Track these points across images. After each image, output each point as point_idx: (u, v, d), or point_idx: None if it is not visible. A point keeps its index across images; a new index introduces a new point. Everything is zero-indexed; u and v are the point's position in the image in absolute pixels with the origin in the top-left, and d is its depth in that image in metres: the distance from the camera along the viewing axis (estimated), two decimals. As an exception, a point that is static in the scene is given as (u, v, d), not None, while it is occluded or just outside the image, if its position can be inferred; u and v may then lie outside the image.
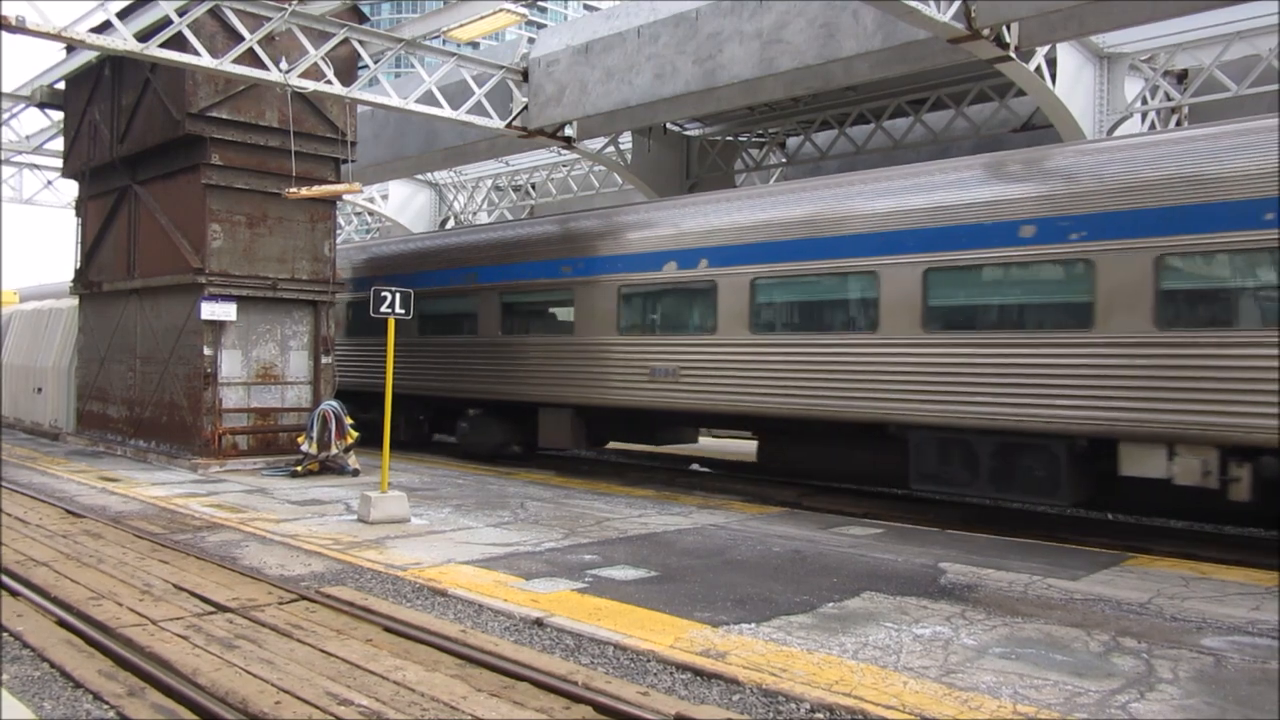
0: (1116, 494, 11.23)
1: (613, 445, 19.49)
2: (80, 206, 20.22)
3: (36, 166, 26.27)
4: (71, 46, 15.96)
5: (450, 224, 29.16)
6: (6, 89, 19.87)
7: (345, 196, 19.80)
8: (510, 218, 27.32)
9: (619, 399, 15.05)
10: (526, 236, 17.73)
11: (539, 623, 7.02)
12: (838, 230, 12.55)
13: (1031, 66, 13.65)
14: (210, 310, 15.65)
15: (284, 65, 13.76)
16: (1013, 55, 12.38)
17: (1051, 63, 14.32)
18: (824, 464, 13.86)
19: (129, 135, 17.52)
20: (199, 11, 13.27)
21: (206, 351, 15.76)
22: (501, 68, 16.23)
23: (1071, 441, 10.56)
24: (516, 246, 17.56)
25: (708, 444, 20.72)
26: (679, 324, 14.64)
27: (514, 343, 17.06)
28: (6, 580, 7.97)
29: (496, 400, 17.36)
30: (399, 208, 29.10)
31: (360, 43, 14.77)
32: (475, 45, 18.26)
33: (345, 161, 17.00)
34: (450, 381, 18.33)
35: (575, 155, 21.90)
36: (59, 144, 21.50)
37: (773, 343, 13.24)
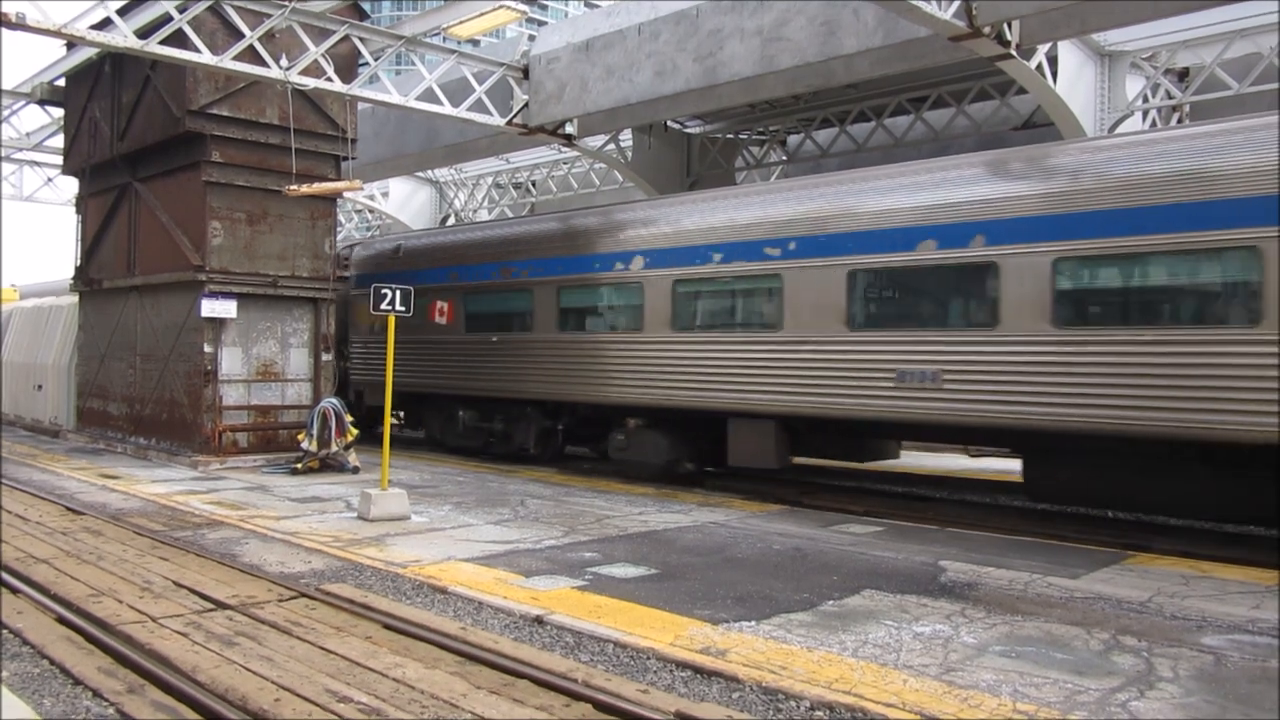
0: None
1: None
2: (80, 204, 20.23)
3: (37, 164, 26.24)
4: (72, 43, 15.97)
5: (450, 221, 29.13)
6: (7, 86, 19.86)
7: (346, 194, 19.79)
8: (511, 215, 27.27)
9: (847, 409, 12.25)
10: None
11: (539, 620, 7.02)
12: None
13: (1032, 64, 13.62)
14: (210, 307, 15.65)
15: (284, 62, 13.74)
16: (1014, 53, 12.36)
17: (1052, 61, 14.29)
18: (1145, 492, 11.00)
19: (129, 132, 17.51)
20: (199, 8, 13.25)
21: (207, 349, 15.76)
22: (502, 65, 16.21)
23: None
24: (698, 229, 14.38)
25: (911, 460, 17.54)
26: (939, 318, 11.89)
27: (695, 341, 13.89)
28: (6, 577, 7.97)
29: (667, 408, 14.39)
30: (399, 205, 29.09)
31: (361, 40, 14.75)
32: (476, 43, 18.25)
33: (346, 159, 16.99)
34: (595, 386, 15.27)
35: (576, 153, 21.87)
36: (59, 141, 21.48)
37: (1089, 339, 10.33)
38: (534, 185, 27.29)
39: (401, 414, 20.47)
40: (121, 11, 12.85)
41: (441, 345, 18.28)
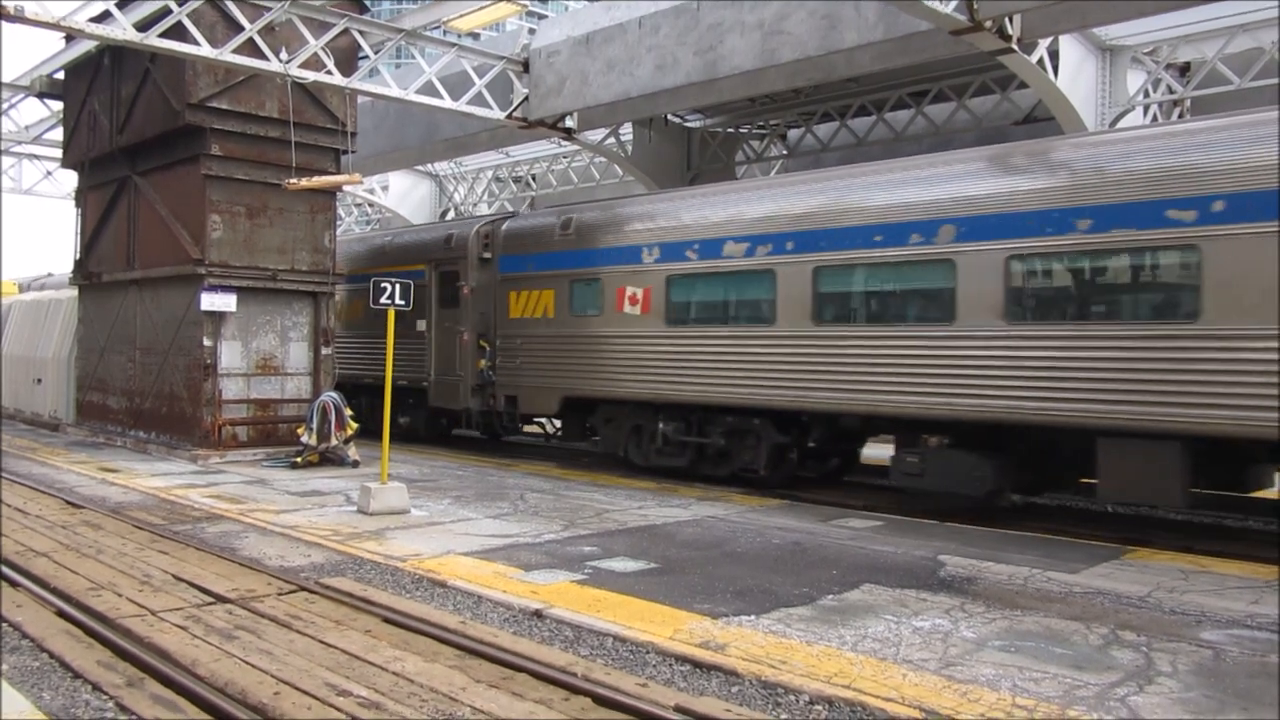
0: None
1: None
2: (80, 197, 20.20)
3: (36, 157, 26.25)
4: (71, 36, 15.96)
5: (450, 215, 29.10)
6: (6, 79, 19.86)
7: (345, 188, 19.78)
8: (510, 209, 27.24)
9: None
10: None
11: (538, 614, 7.02)
12: None
13: (1033, 59, 13.61)
14: (210, 301, 15.64)
15: (284, 56, 13.71)
16: (1015, 47, 12.34)
17: (1053, 55, 14.28)
18: None
19: (129, 126, 17.48)
20: (198, 1, 13.22)
21: (206, 342, 15.75)
22: (502, 59, 16.18)
23: None
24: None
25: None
26: None
27: (1052, 336, 10.48)
28: (6, 570, 7.97)
29: (998, 422, 10.98)
30: (399, 199, 29.06)
31: (360, 33, 14.73)
32: (476, 36, 18.29)
33: (345, 152, 16.97)
34: (875, 392, 11.82)
35: (576, 146, 21.86)
36: (58, 134, 21.46)
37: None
38: (534, 179, 27.27)
39: (558, 422, 17.27)
40: (121, 4, 12.84)
41: (628, 341, 14.65)
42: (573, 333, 15.48)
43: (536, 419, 17.82)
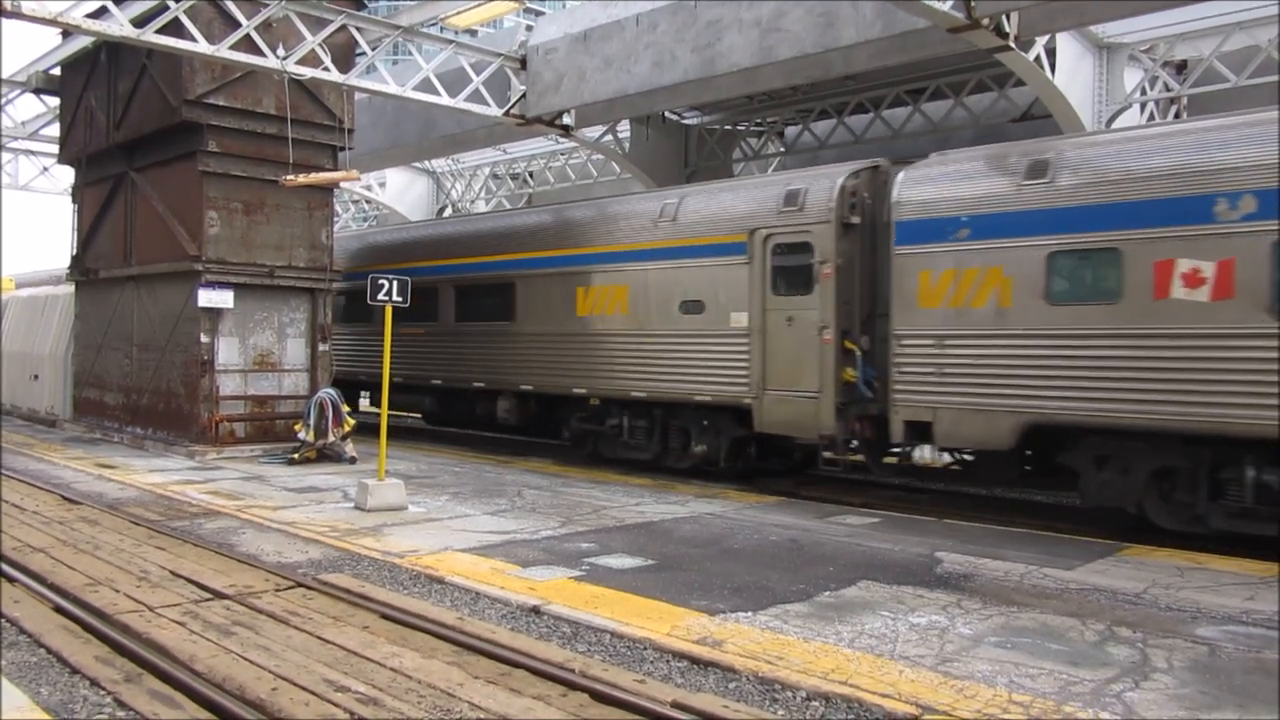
0: None
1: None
2: (77, 193, 20.17)
3: (32, 153, 26.16)
4: (67, 32, 15.90)
5: (448, 212, 29.08)
6: (3, 74, 19.77)
7: (343, 184, 19.73)
8: (509, 206, 27.22)
9: None
10: None
11: (536, 610, 7.03)
12: None
13: (1031, 56, 13.60)
14: (207, 297, 15.63)
15: (281, 52, 13.69)
16: (1012, 45, 12.33)
17: (1051, 53, 14.27)
18: None
19: (125, 122, 17.45)
20: (195, -3, 13.21)
21: (204, 339, 15.74)
22: (499, 55, 16.16)
23: None
24: None
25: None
26: None
27: None
28: (4, 566, 7.97)
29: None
30: (396, 195, 29.01)
31: (358, 29, 14.70)
32: (473, 32, 18.21)
33: (343, 149, 16.96)
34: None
35: (573, 143, 21.82)
36: (55, 130, 21.42)
37: None
38: (531, 176, 27.24)
39: (953, 454, 12.47)
40: (118, 0, 12.80)
41: (1183, 342, 9.68)
42: (1048, 328, 10.60)
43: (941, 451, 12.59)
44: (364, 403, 23.29)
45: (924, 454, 13.27)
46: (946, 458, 12.56)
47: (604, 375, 15.02)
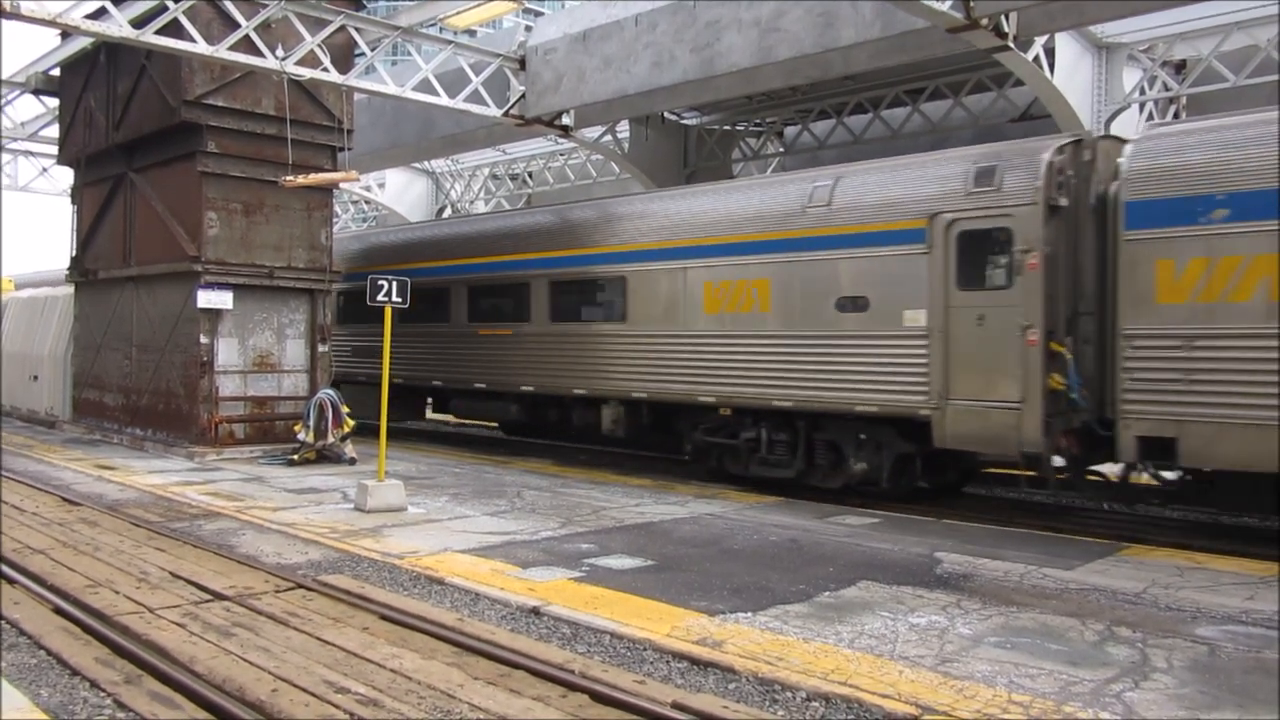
0: None
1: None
2: (76, 194, 20.17)
3: (32, 153, 26.18)
4: (66, 33, 15.90)
5: (447, 212, 29.09)
6: (2, 75, 19.77)
7: (342, 185, 19.72)
8: (508, 206, 27.22)
9: None
10: None
11: (536, 611, 7.03)
12: None
13: (1030, 56, 13.62)
14: (207, 298, 15.63)
15: (280, 52, 13.69)
16: (1011, 45, 12.35)
17: (1050, 52, 14.29)
18: None
19: (125, 122, 17.45)
20: (194, -2, 13.22)
21: (203, 340, 15.73)
22: (499, 56, 16.16)
23: None
24: None
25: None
26: None
27: None
28: (3, 568, 7.97)
29: None
30: (396, 196, 29.04)
31: (357, 30, 14.70)
32: (472, 33, 18.20)
33: (342, 149, 16.95)
34: None
35: (572, 144, 21.84)
36: (54, 131, 21.42)
37: None
38: (530, 176, 27.26)
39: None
40: (117, 1, 12.79)
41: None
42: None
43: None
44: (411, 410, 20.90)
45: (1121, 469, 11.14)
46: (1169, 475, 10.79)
47: (739, 382, 13.19)
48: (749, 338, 13.13)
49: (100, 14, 12.70)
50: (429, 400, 20.36)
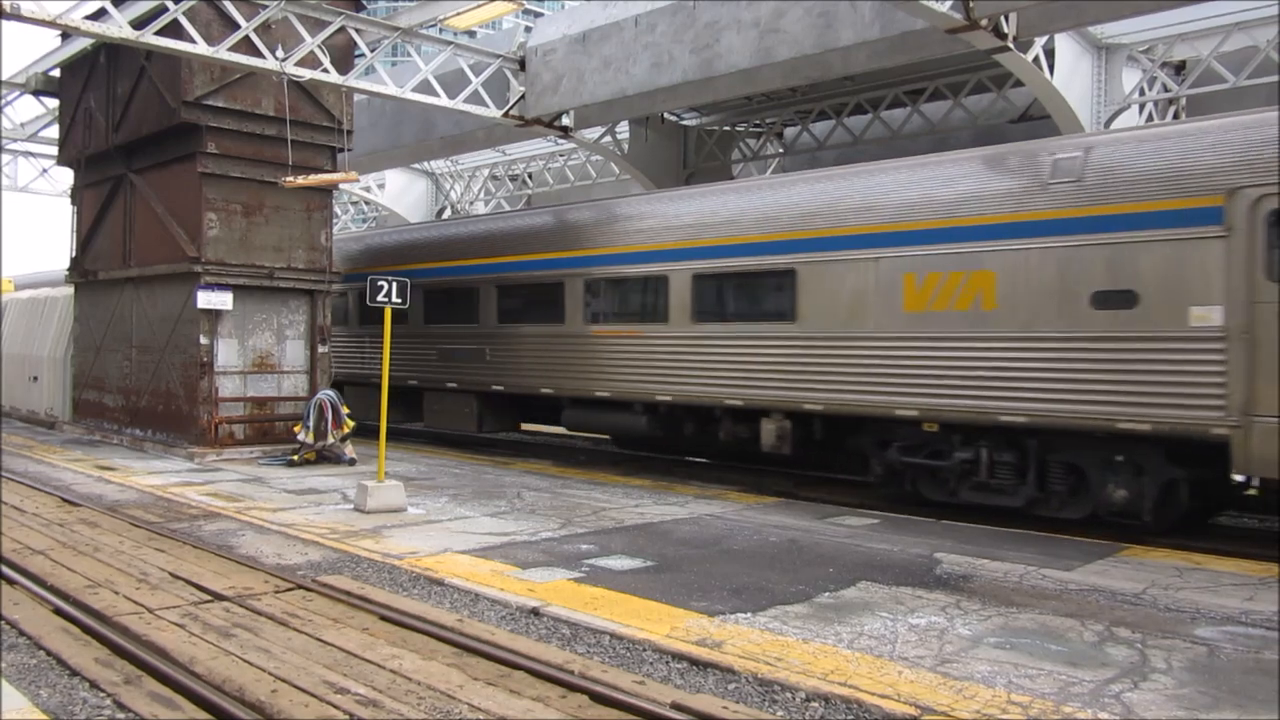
0: None
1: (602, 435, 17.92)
2: (76, 195, 20.18)
3: (31, 154, 26.21)
4: (67, 34, 15.91)
5: (447, 213, 29.09)
6: (2, 76, 19.78)
7: (342, 185, 19.73)
8: (508, 208, 27.22)
9: None
10: None
11: (535, 612, 7.04)
12: None
13: (1029, 57, 13.62)
14: (206, 299, 15.64)
15: (280, 53, 13.70)
16: (1011, 45, 12.35)
17: (1049, 53, 14.29)
18: None
19: (124, 123, 17.46)
20: (194, -1, 13.22)
21: (203, 340, 15.74)
22: (498, 56, 16.17)
23: None
24: None
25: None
26: None
27: None
28: (3, 569, 7.97)
29: None
30: (396, 196, 29.04)
31: (357, 31, 14.71)
32: (472, 34, 18.22)
33: (342, 150, 16.96)
34: None
35: (572, 144, 21.84)
36: (54, 131, 21.43)
37: None
38: (530, 177, 27.27)
39: None
40: (117, 2, 12.80)
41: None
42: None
43: None
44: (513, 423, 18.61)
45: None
46: None
47: (952, 393, 11.18)
48: (965, 340, 11.08)
49: (100, 15, 12.71)
50: (526, 410, 18.00)
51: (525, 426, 19.47)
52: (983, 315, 10.95)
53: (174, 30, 12.89)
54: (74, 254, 19.99)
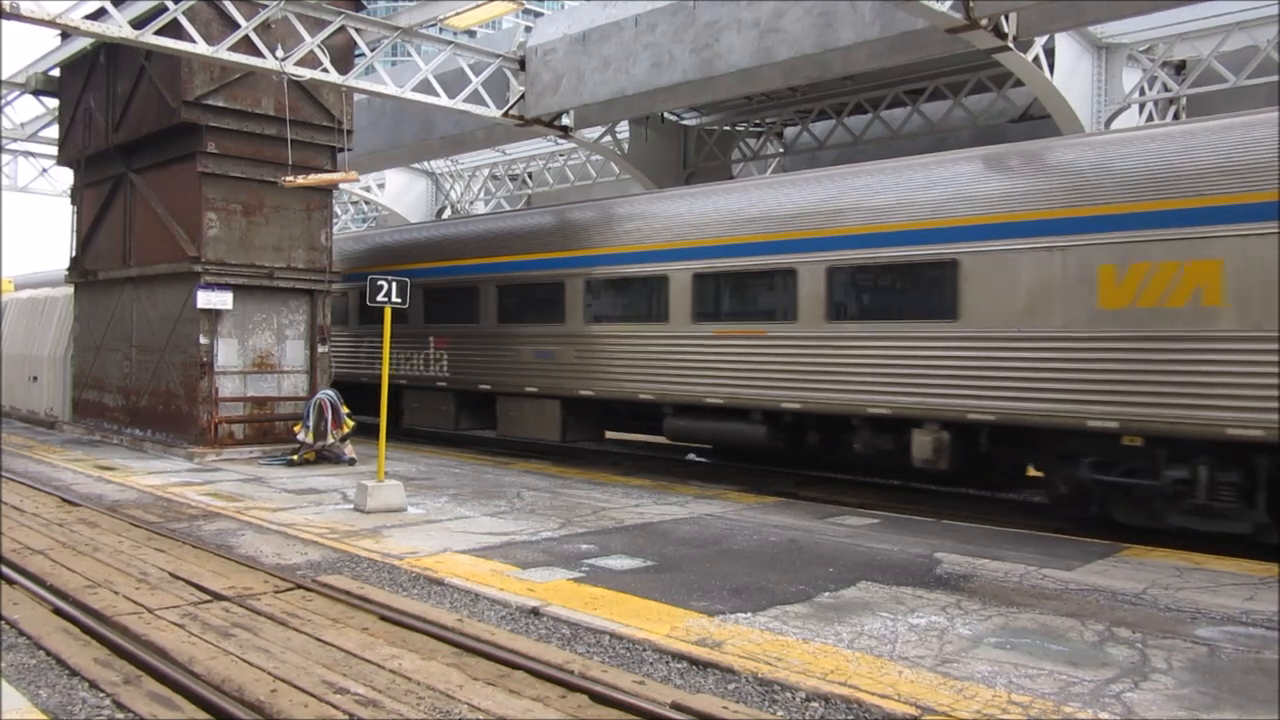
0: None
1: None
2: (76, 194, 20.17)
3: (31, 154, 26.21)
4: (66, 33, 15.90)
5: (447, 213, 29.08)
6: (2, 76, 19.77)
7: (342, 185, 19.72)
8: (508, 207, 27.22)
9: None
10: None
11: (535, 612, 7.03)
12: None
13: (1029, 57, 13.62)
14: (206, 299, 15.63)
15: (280, 53, 13.69)
16: (1011, 45, 12.35)
17: (1049, 53, 14.29)
18: None
19: (124, 123, 17.46)
20: (194, -2, 13.22)
21: (203, 340, 15.73)
22: (498, 56, 16.17)
23: None
24: None
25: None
26: None
27: None
28: (3, 569, 7.97)
29: None
30: (396, 196, 29.04)
31: (357, 30, 14.70)
32: (472, 33, 18.20)
33: (342, 150, 16.96)
34: None
35: (572, 144, 21.84)
36: (54, 131, 21.42)
37: None
38: (530, 177, 27.27)
39: None
40: (117, 2, 12.79)
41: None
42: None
43: None
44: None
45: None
46: None
47: (1163, 401, 9.69)
48: (1183, 340, 9.59)
49: (100, 14, 12.70)
50: (615, 417, 16.82)
51: (610, 435, 17.92)
52: (1204, 312, 9.45)
53: (174, 30, 12.89)
54: (74, 254, 19.99)
